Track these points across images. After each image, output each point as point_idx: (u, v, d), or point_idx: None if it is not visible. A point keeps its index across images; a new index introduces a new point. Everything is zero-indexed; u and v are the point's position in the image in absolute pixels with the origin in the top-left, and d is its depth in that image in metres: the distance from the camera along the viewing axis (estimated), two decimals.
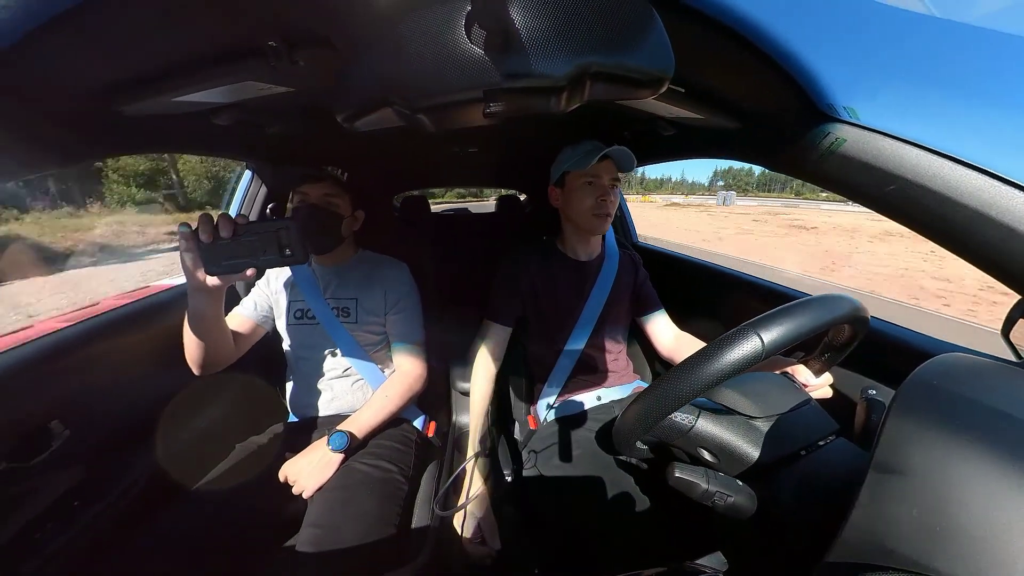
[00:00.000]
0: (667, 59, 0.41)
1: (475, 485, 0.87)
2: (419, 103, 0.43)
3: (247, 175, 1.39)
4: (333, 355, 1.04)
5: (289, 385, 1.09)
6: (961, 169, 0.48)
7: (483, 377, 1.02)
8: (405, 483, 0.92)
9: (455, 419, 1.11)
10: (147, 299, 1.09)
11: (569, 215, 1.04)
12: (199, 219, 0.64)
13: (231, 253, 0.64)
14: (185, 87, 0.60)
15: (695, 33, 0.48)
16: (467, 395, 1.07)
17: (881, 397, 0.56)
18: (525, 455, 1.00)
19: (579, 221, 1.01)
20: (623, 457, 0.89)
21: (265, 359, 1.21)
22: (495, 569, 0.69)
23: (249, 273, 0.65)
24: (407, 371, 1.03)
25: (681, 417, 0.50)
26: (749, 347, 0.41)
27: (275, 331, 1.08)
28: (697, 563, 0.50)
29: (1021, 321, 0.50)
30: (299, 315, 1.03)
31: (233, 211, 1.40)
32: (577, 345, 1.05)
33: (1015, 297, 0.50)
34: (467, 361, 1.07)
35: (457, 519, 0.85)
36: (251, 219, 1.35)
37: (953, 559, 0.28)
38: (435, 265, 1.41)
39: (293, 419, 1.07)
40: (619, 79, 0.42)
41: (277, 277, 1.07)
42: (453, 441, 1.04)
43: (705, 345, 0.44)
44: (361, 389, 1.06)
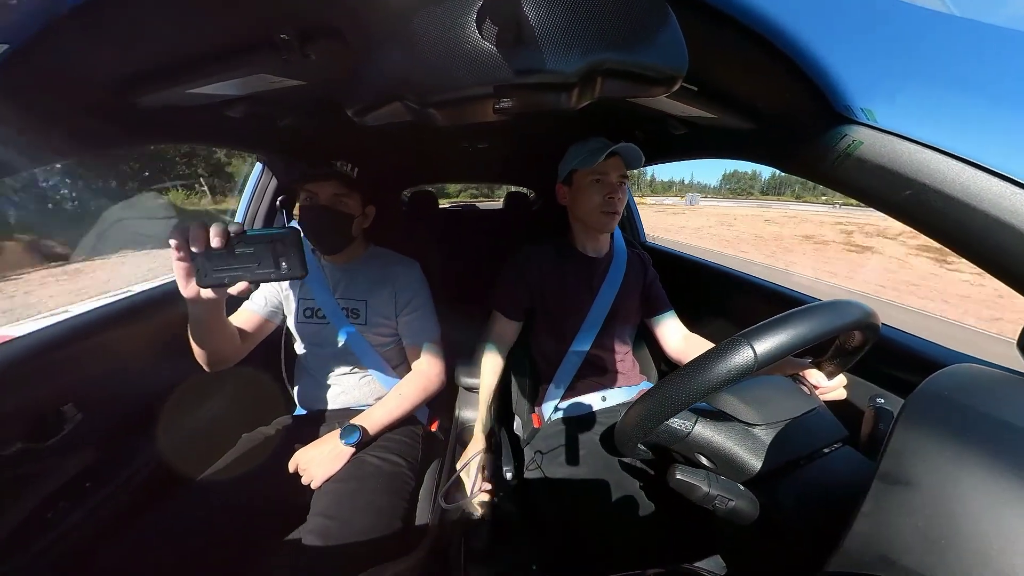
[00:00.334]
0: (681, 57, 0.40)
1: (479, 480, 0.87)
2: (429, 98, 0.43)
3: (258, 167, 1.40)
4: (343, 353, 1.04)
5: (298, 378, 1.10)
6: (982, 175, 0.47)
7: (490, 370, 1.00)
8: (413, 477, 0.92)
9: (458, 414, 1.12)
10: (161, 287, 1.11)
11: (577, 213, 1.03)
12: (191, 228, 0.59)
13: (224, 264, 0.60)
14: (199, 79, 0.61)
15: (710, 30, 0.47)
16: (471, 391, 1.07)
17: (889, 406, 0.55)
18: (528, 454, 1.00)
19: (587, 219, 1.01)
20: (627, 459, 0.89)
21: (274, 352, 1.22)
22: (493, 563, 0.69)
23: (243, 287, 0.62)
24: (423, 371, 1.03)
25: (678, 423, 0.50)
26: (740, 359, 0.41)
27: (285, 325, 1.08)
28: (696, 566, 0.50)
29: None
30: (309, 313, 1.04)
31: (244, 203, 1.42)
32: (584, 343, 1.04)
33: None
34: (471, 357, 1.07)
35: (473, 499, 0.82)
36: (261, 213, 1.39)
37: (957, 573, 0.28)
38: (441, 261, 1.41)
39: (301, 411, 1.08)
40: (631, 76, 0.41)
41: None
42: (456, 436, 1.05)
43: (704, 352, 0.44)
44: (369, 384, 1.07)
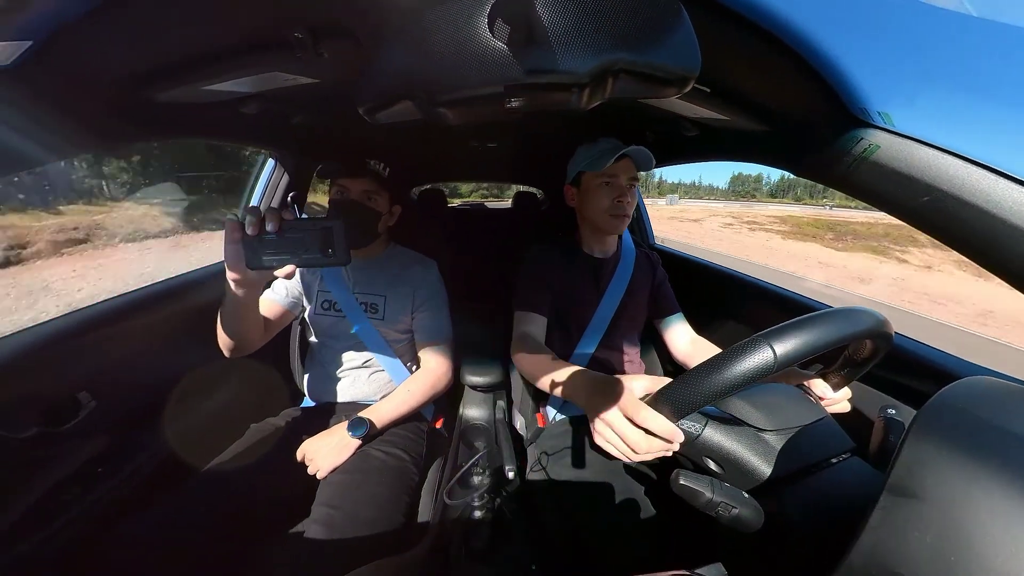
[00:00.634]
0: (694, 57, 0.40)
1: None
2: (440, 96, 0.43)
3: (270, 164, 1.42)
4: (356, 347, 1.05)
5: (307, 370, 1.12)
6: (1003, 182, 0.45)
7: (546, 356, 0.83)
8: (416, 472, 0.93)
9: (463, 412, 1.12)
10: (175, 279, 1.13)
11: (585, 215, 1.03)
12: (247, 211, 0.63)
13: (274, 248, 0.63)
14: (214, 76, 0.62)
15: (723, 31, 0.46)
16: (476, 389, 1.08)
17: (900, 417, 0.53)
18: (532, 453, 1.01)
19: (596, 221, 1.00)
20: (631, 463, 0.88)
21: (284, 344, 1.24)
22: (493, 561, 0.69)
23: (290, 270, 0.65)
24: (432, 369, 1.03)
25: (688, 424, 0.50)
26: (760, 359, 0.40)
27: (299, 317, 1.09)
28: (696, 572, 0.50)
29: None
30: (326, 305, 1.05)
31: (255, 198, 1.43)
32: (590, 344, 1.04)
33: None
34: (477, 356, 1.07)
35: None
36: (275, 208, 1.41)
37: None
38: (449, 259, 1.42)
39: (309, 403, 1.10)
40: (643, 77, 0.41)
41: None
42: (460, 434, 1.05)
43: (714, 354, 0.43)
44: (379, 379, 1.08)
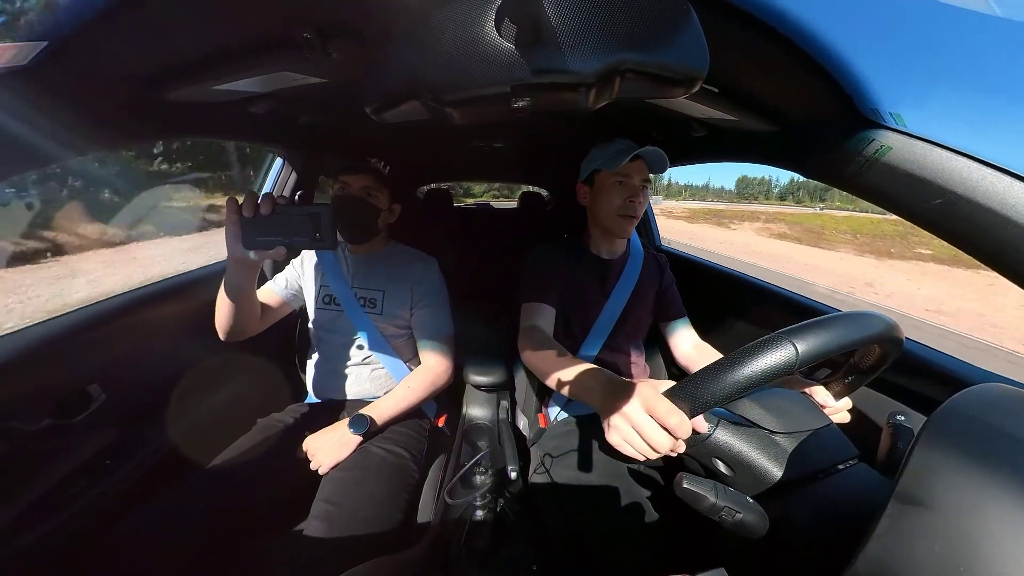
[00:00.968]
0: (702, 57, 0.40)
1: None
2: (447, 96, 0.43)
3: (278, 162, 1.43)
4: (355, 342, 1.06)
5: (311, 367, 1.13)
6: (1019, 185, 0.44)
7: (554, 351, 0.81)
8: (417, 471, 0.94)
9: (466, 411, 1.12)
10: (183, 275, 1.15)
11: (596, 214, 1.02)
12: (246, 195, 0.68)
13: (267, 230, 0.68)
14: (225, 76, 0.62)
15: (732, 30, 0.46)
16: (479, 388, 1.08)
17: (909, 423, 0.52)
18: (534, 453, 1.00)
19: (606, 221, 1.00)
20: (634, 466, 0.88)
21: (289, 340, 1.25)
22: (494, 562, 0.69)
23: (280, 252, 0.68)
24: (431, 366, 1.04)
25: (699, 425, 0.49)
26: (782, 356, 0.40)
27: (300, 312, 1.11)
28: None
29: None
30: (327, 300, 1.06)
31: None
32: (594, 345, 1.03)
33: None
34: (480, 354, 1.07)
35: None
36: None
37: None
38: (454, 258, 1.42)
39: (313, 400, 1.11)
40: (651, 77, 0.41)
41: (310, 260, 1.10)
42: (463, 433, 1.05)
43: (735, 350, 0.42)
44: (381, 377, 1.08)
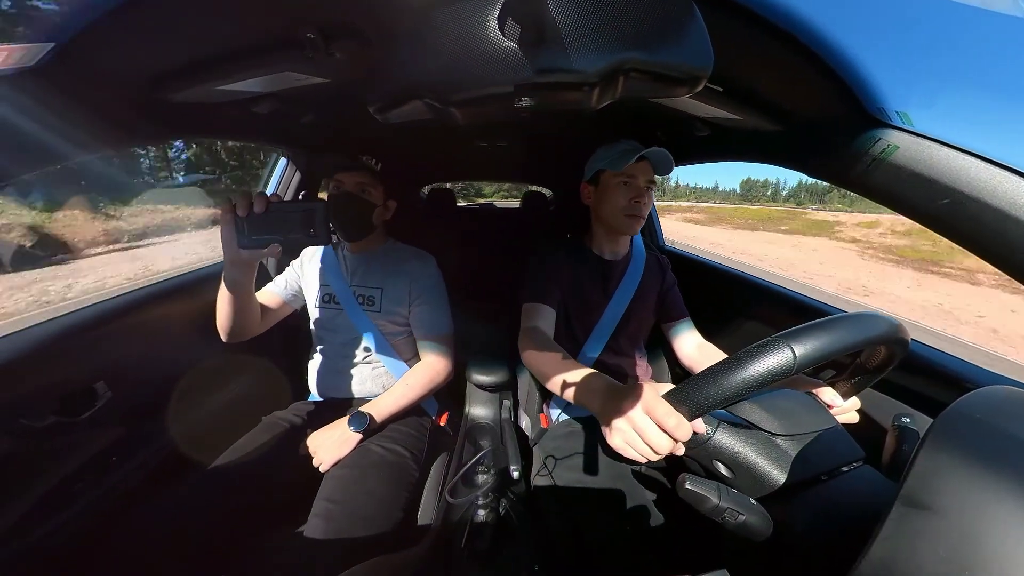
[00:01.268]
0: (706, 56, 0.39)
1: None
2: (450, 96, 0.43)
3: (282, 162, 1.44)
4: (355, 340, 1.07)
5: (312, 365, 1.13)
6: None
7: (556, 354, 0.81)
8: (417, 469, 0.94)
9: (468, 410, 1.12)
10: (187, 275, 1.15)
11: (601, 214, 1.02)
12: (240, 196, 0.69)
13: (261, 228, 0.68)
14: (228, 76, 0.63)
15: (736, 28, 0.45)
16: (481, 388, 1.08)
17: (915, 426, 0.52)
18: (536, 454, 1.00)
19: (611, 220, 0.99)
20: (637, 467, 0.88)
21: (292, 339, 1.26)
22: (495, 562, 0.69)
23: (276, 249, 0.69)
24: (430, 363, 1.04)
25: (699, 427, 0.49)
26: (779, 360, 0.39)
27: (303, 312, 1.12)
28: None
29: None
30: (326, 299, 1.07)
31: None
32: (597, 345, 1.03)
33: None
34: (482, 353, 1.07)
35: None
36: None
37: None
38: (457, 258, 1.42)
39: (316, 398, 1.11)
40: (654, 76, 0.41)
41: (310, 260, 1.11)
42: (465, 432, 1.06)
43: (733, 354, 0.42)
44: (382, 376, 1.09)
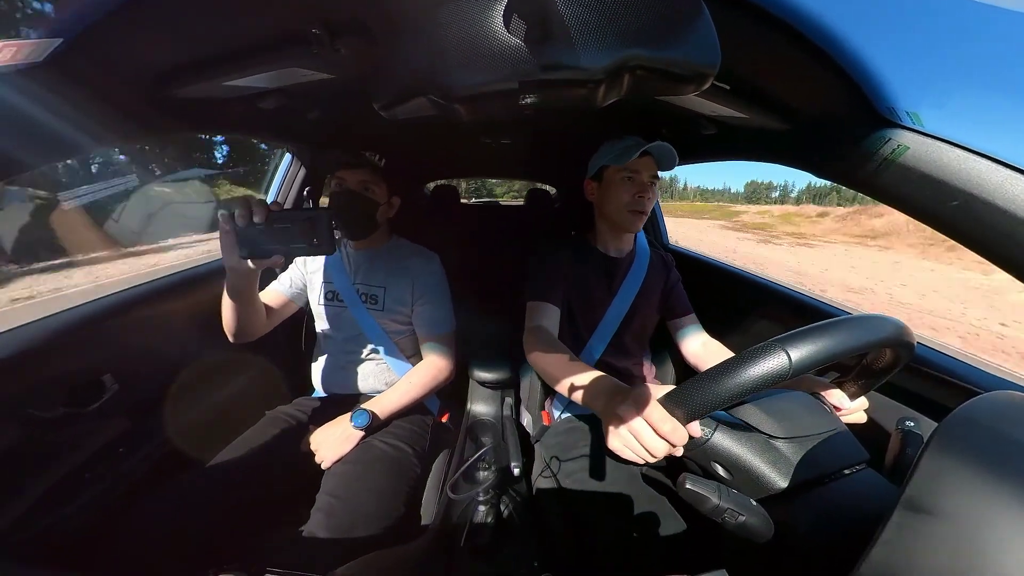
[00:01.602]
0: (712, 54, 0.39)
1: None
2: (454, 93, 0.43)
3: (287, 158, 1.44)
4: (358, 338, 1.07)
5: (316, 361, 1.14)
6: None
7: (561, 352, 0.81)
8: (419, 465, 0.94)
9: (470, 407, 1.13)
10: (194, 269, 1.16)
11: (604, 210, 1.02)
12: (238, 203, 0.66)
13: (263, 239, 0.65)
14: (234, 72, 0.63)
15: (744, 25, 0.45)
16: (484, 385, 1.08)
17: (919, 430, 0.52)
18: (539, 451, 1.01)
19: (615, 216, 0.99)
20: (638, 467, 0.87)
21: (297, 334, 1.27)
22: (495, 558, 0.70)
23: (279, 259, 0.67)
24: (433, 362, 1.05)
25: (697, 428, 0.49)
26: (774, 365, 0.39)
27: (306, 308, 1.12)
28: None
29: None
30: (329, 296, 1.07)
31: (273, 191, 1.46)
32: (601, 342, 1.03)
33: None
34: (485, 351, 1.08)
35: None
36: (288, 202, 1.43)
37: None
38: (460, 255, 1.42)
39: (319, 394, 1.12)
40: (661, 73, 0.40)
41: (313, 258, 1.11)
42: (467, 428, 1.06)
43: (727, 358, 0.42)
44: (384, 372, 1.09)
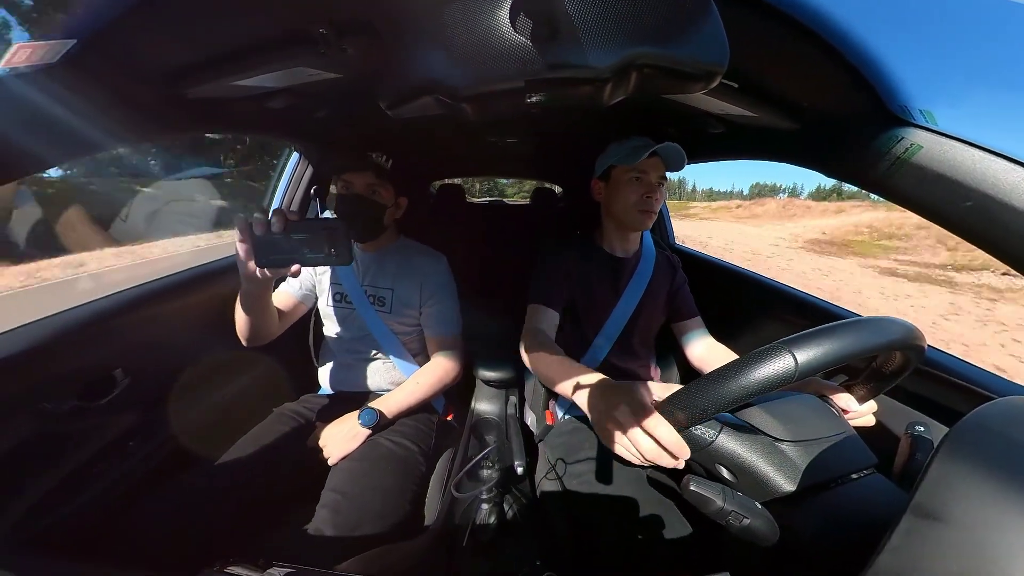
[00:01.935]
0: (721, 51, 0.39)
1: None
2: (461, 92, 0.43)
3: (294, 157, 1.45)
4: (366, 339, 1.08)
5: (323, 360, 1.15)
6: None
7: (557, 357, 0.82)
8: (424, 464, 0.95)
9: (474, 406, 1.13)
10: (205, 266, 1.18)
11: (612, 210, 1.01)
12: (255, 215, 0.66)
13: (280, 248, 0.65)
14: (243, 72, 0.64)
15: (753, 22, 0.44)
16: (488, 384, 1.08)
17: (928, 434, 0.51)
18: (542, 451, 1.01)
19: (622, 216, 0.98)
20: (641, 468, 0.87)
21: (304, 334, 1.28)
22: (498, 556, 0.70)
23: (295, 269, 0.67)
24: (441, 362, 1.06)
25: (701, 430, 0.49)
26: (780, 367, 0.39)
27: (315, 307, 1.13)
28: None
29: None
30: (338, 298, 1.08)
31: (280, 190, 1.48)
32: (605, 344, 1.02)
33: None
34: (490, 350, 1.08)
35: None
36: (295, 202, 1.45)
37: None
38: (465, 254, 1.42)
39: (326, 391, 1.14)
40: (668, 72, 0.40)
41: None
42: (471, 427, 1.06)
43: (732, 360, 0.42)
44: (391, 372, 1.10)
